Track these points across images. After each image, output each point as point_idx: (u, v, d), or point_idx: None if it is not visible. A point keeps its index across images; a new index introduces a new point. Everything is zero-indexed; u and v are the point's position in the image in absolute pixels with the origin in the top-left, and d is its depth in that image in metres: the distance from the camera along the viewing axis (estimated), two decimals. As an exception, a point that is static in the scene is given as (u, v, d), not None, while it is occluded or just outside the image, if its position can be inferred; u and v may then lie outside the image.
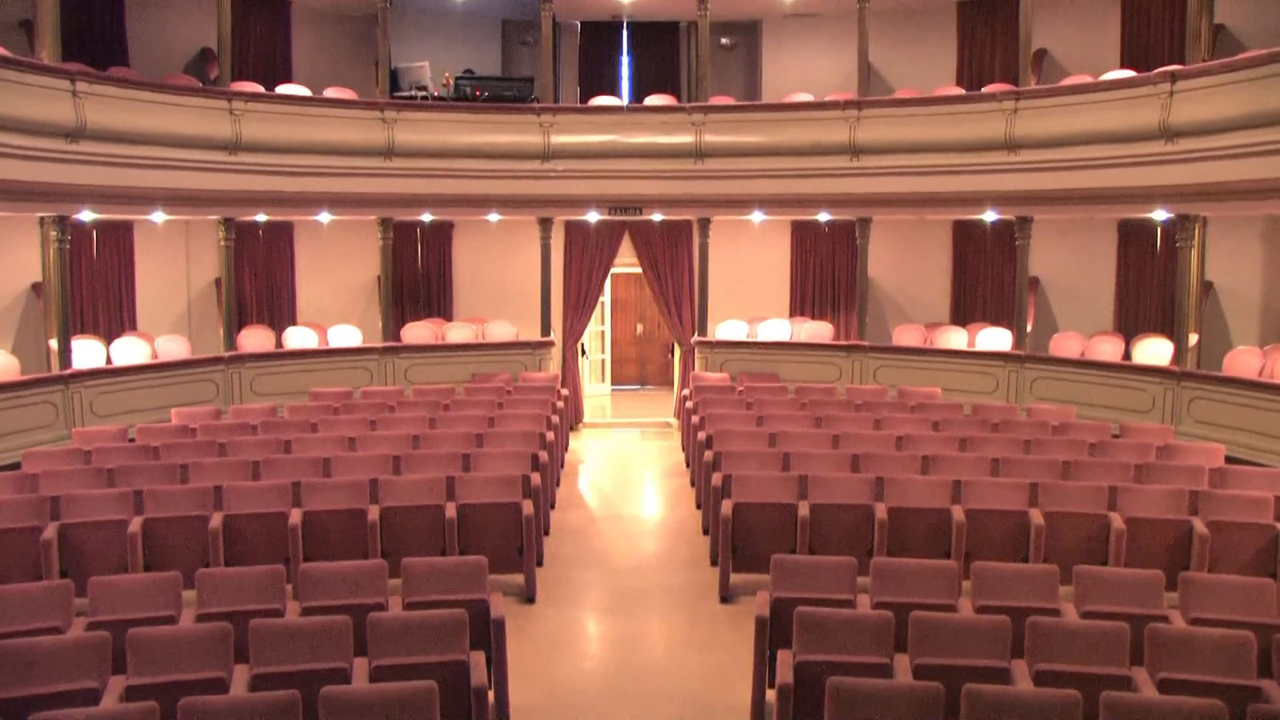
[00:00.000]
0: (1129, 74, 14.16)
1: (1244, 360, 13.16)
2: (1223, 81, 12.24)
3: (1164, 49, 14.88)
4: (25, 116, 11.86)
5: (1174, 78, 12.79)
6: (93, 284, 14.99)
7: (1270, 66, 11.69)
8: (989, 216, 15.69)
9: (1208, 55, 13.34)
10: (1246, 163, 11.85)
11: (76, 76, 12.48)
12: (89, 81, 12.63)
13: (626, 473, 14.92)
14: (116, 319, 15.24)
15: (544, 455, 11.54)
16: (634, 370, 20.94)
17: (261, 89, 15.44)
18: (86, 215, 13.55)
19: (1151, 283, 15.38)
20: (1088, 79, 14.59)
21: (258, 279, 16.76)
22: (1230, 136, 12.06)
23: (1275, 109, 11.55)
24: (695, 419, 13.45)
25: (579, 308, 17.53)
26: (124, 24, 15.46)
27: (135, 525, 9.01)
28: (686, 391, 15.77)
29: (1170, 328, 14.15)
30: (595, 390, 19.37)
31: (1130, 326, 15.36)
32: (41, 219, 13.11)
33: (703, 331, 16.81)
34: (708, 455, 11.56)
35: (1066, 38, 16.20)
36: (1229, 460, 11.26)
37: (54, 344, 13.02)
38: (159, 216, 14.59)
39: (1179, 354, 13.52)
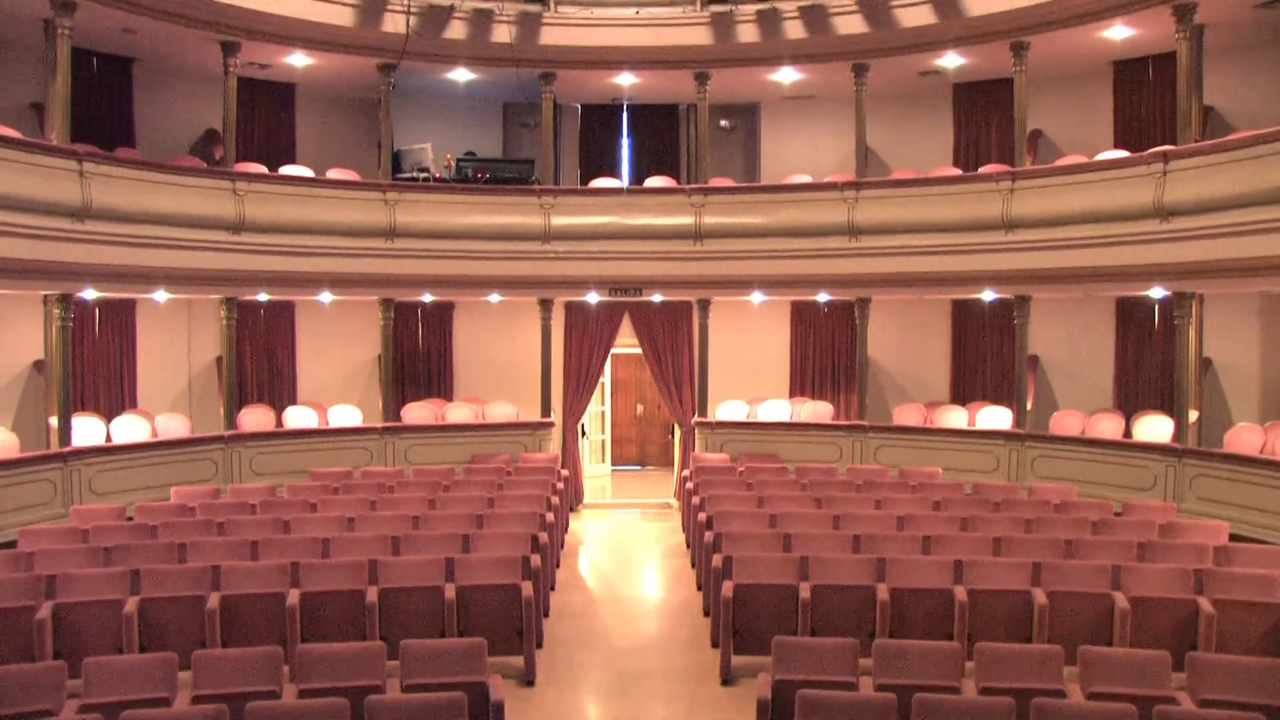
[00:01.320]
0: (1123, 154, 14.36)
1: (1245, 437, 13.15)
2: (1214, 161, 12.44)
3: (1155, 130, 15.07)
4: (33, 196, 12.06)
5: (1167, 158, 12.97)
6: (94, 362, 15.04)
7: (1260, 147, 11.91)
8: (987, 296, 15.78)
9: (1198, 136, 13.52)
10: (1240, 241, 11.98)
11: (84, 157, 12.68)
12: (96, 162, 12.83)
13: (627, 554, 14.83)
14: (117, 397, 15.26)
15: (544, 536, 11.48)
16: (634, 451, 20.90)
17: (265, 170, 15.64)
18: (90, 294, 13.65)
19: (1150, 360, 15.42)
20: (1082, 159, 14.80)
21: (259, 358, 16.80)
22: (1223, 215, 12.21)
23: (1267, 188, 11.73)
24: (696, 500, 13.40)
25: (579, 388, 17.56)
26: (132, 106, 15.68)
27: (131, 605, 8.93)
28: (687, 472, 15.74)
29: (1170, 404, 14.16)
30: (595, 471, 19.32)
31: (1130, 403, 15.36)
32: (46, 297, 13.20)
33: (703, 412, 16.82)
34: (708, 536, 11.49)
35: (1061, 119, 16.42)
36: (1233, 538, 11.20)
37: (54, 421, 13.03)
38: (161, 295, 14.68)
39: (1180, 431, 13.51)
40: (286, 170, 16.02)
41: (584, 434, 18.56)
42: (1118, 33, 14.44)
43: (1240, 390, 14.50)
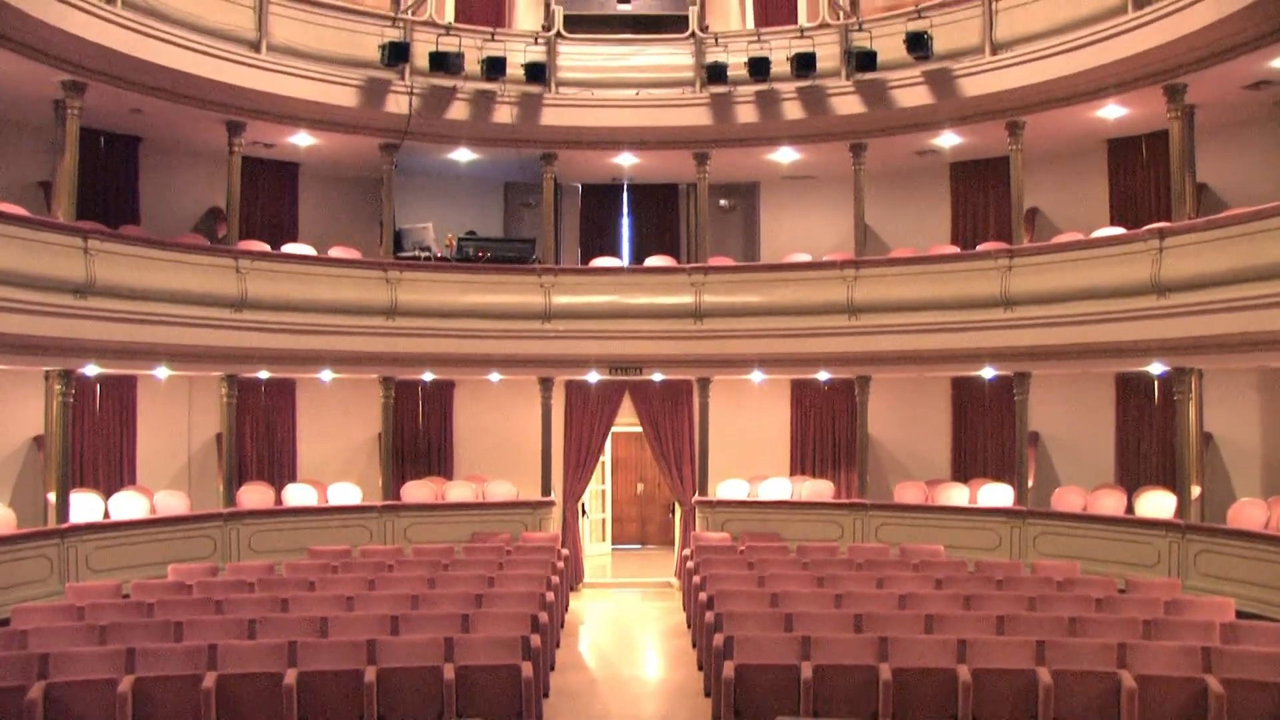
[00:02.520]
0: (1119, 231, 14.47)
1: (1249, 512, 13.09)
2: (1209, 238, 12.57)
3: (1150, 207, 15.22)
4: (37, 272, 12.16)
5: (1162, 234, 13.10)
6: (94, 438, 15.03)
7: (1254, 224, 12.03)
8: (987, 373, 15.81)
9: (1193, 213, 13.64)
10: (1236, 316, 12.04)
11: (89, 234, 12.83)
12: (101, 239, 12.96)
13: (627, 633, 14.70)
14: (116, 473, 15.23)
15: (544, 616, 11.38)
16: (635, 530, 20.80)
17: (268, 248, 15.76)
18: (92, 370, 13.68)
19: (1151, 435, 15.40)
20: (1079, 236, 14.94)
21: (259, 435, 16.79)
22: (1220, 291, 12.27)
23: (1261, 264, 11.82)
24: (696, 579, 13.30)
25: (579, 467, 17.52)
26: (138, 184, 15.85)
27: (125, 685, 8.83)
28: (688, 551, 15.65)
29: (1172, 480, 14.12)
30: (596, 550, 19.21)
31: (1132, 479, 15.30)
32: (47, 373, 13.20)
33: (703, 491, 16.77)
34: (709, 616, 11.39)
35: (1057, 196, 16.58)
36: (1240, 615, 11.08)
37: (52, 497, 12.98)
38: (163, 372, 14.71)
39: (1182, 507, 13.46)
40: (289, 248, 16.14)
41: (584, 513, 18.49)
42: (1111, 112, 14.65)
43: (1242, 465, 14.47)
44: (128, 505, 14.27)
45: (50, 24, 11.92)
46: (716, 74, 15.90)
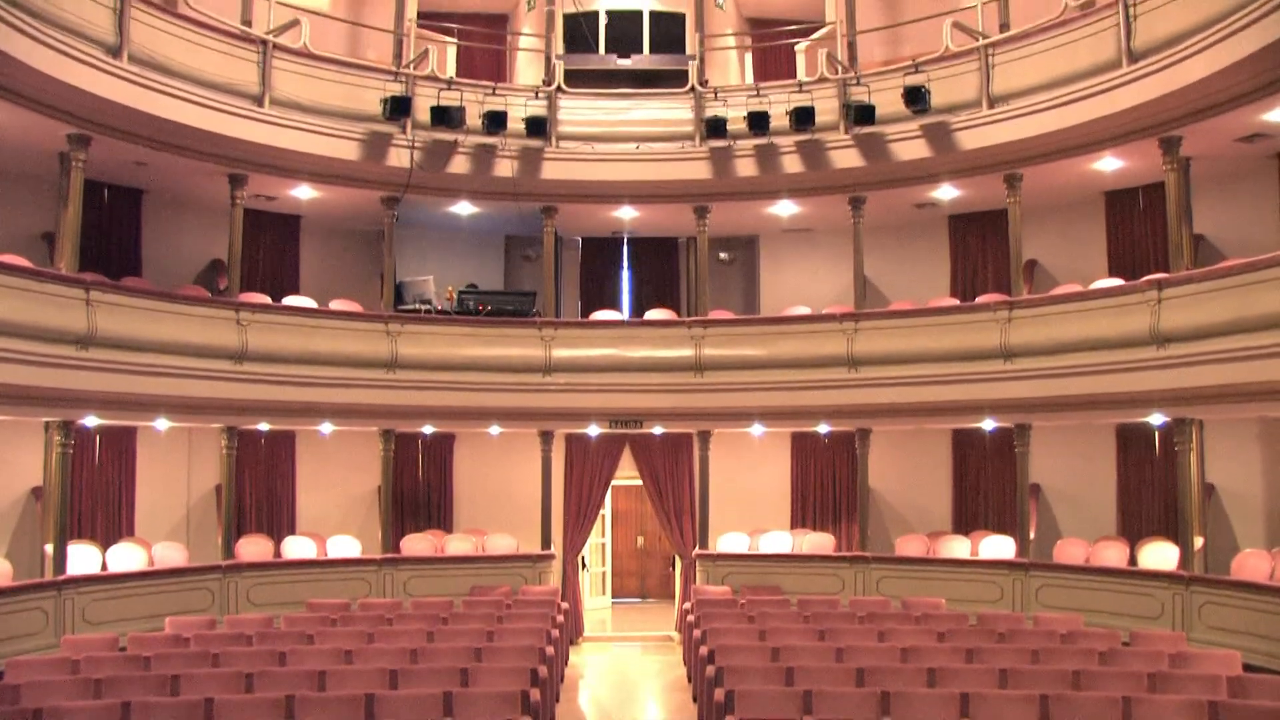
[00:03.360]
0: (1117, 282, 14.51)
1: (1253, 563, 13.01)
2: (1207, 289, 12.62)
3: (1148, 258, 15.29)
4: (39, 323, 12.19)
5: (1160, 285, 13.15)
6: (93, 489, 14.99)
7: (1250, 275, 12.09)
8: (987, 425, 15.80)
9: (1190, 264, 13.71)
10: (1235, 366, 12.06)
11: (91, 285, 12.87)
12: (103, 290, 13.02)
13: (628, 688, 14.58)
14: (115, 525, 15.16)
15: (543, 670, 11.27)
16: (635, 583, 20.70)
17: (269, 300, 15.81)
18: (91, 421, 13.68)
19: (1152, 486, 15.36)
20: (1077, 288, 14.99)
21: (258, 487, 16.74)
22: (1218, 341, 12.30)
23: (1259, 314, 11.86)
24: (697, 632, 13.20)
25: (580, 520, 17.46)
26: (140, 236, 15.93)
27: (121, 737, 8.74)
28: (688, 604, 15.54)
29: (1174, 531, 14.06)
30: (596, 603, 19.08)
31: (1134, 531, 15.24)
32: (47, 423, 13.21)
33: (704, 544, 16.69)
34: (710, 670, 11.29)
35: (1055, 248, 16.64)
36: (1247, 668, 10.97)
37: (49, 549, 12.93)
38: (163, 424, 14.71)
39: (1185, 558, 13.40)
40: (290, 300, 16.19)
41: (584, 566, 18.40)
42: (1107, 164, 14.76)
43: (1244, 516, 14.41)
44: (126, 557, 14.20)
45: (57, 78, 12.05)
46: (716, 128, 16.01)
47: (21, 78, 11.88)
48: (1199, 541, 13.45)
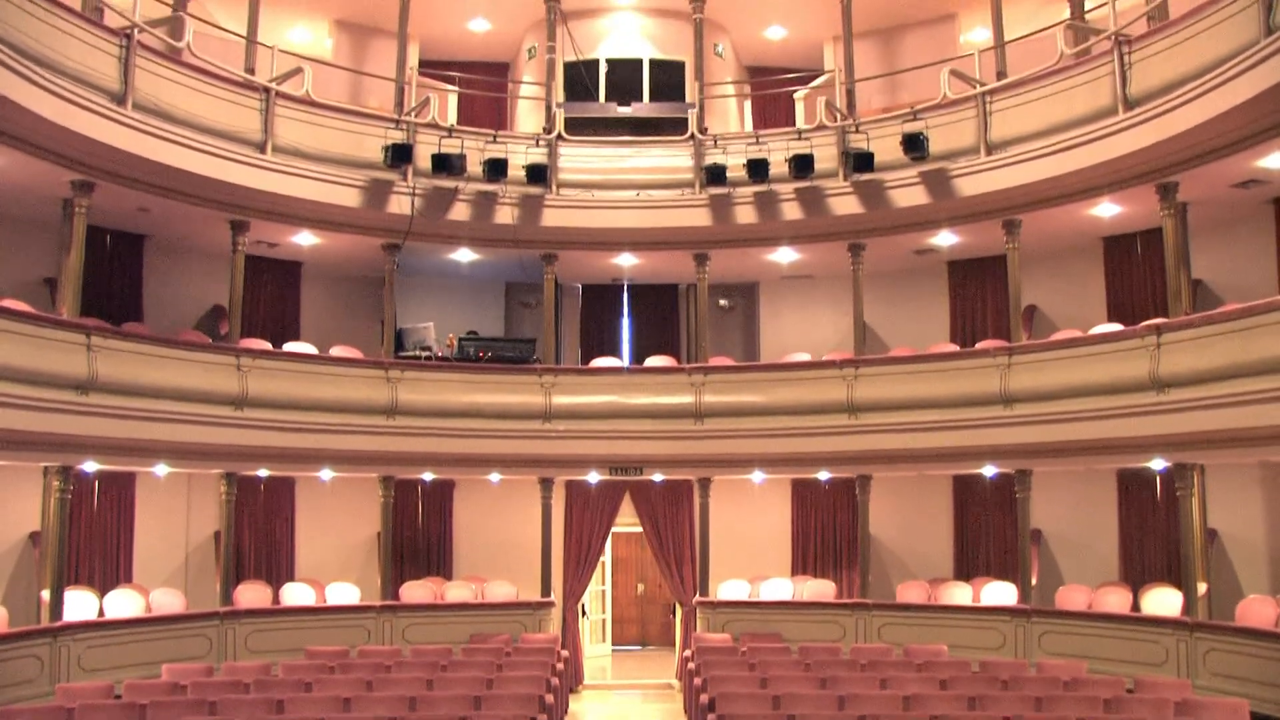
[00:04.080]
0: (1116, 328, 14.54)
1: (1257, 609, 12.94)
2: (1206, 334, 12.64)
3: (1147, 303, 15.31)
4: (40, 368, 12.22)
5: (1160, 331, 13.17)
6: (90, 535, 14.92)
7: (1249, 319, 12.12)
8: (988, 471, 15.77)
9: (1189, 309, 13.73)
10: (1236, 411, 12.05)
11: (92, 331, 12.91)
12: (103, 336, 13.04)
13: (627, 735, 14.47)
14: (112, 571, 15.08)
15: (543, 718, 11.20)
16: (635, 630, 20.57)
17: (269, 346, 15.82)
18: (91, 466, 13.65)
19: (1155, 532, 15.29)
20: (1077, 333, 15.00)
21: (257, 534, 16.67)
22: (1218, 386, 12.31)
23: (1258, 359, 11.89)
24: (698, 680, 13.10)
25: (580, 567, 17.38)
26: (142, 281, 15.97)
27: (116, 782, 8.66)
28: (689, 652, 15.45)
29: (1177, 577, 14.01)
30: (596, 651, 18.96)
31: (1136, 577, 15.16)
32: (46, 469, 13.17)
33: (704, 591, 16.60)
34: (711, 718, 11.22)
35: (1054, 294, 16.69)
36: (1254, 717, 10.89)
37: (46, 595, 12.85)
38: (162, 470, 14.68)
39: (1189, 604, 13.32)
40: (290, 347, 16.19)
41: (584, 613, 18.29)
42: (1105, 210, 14.83)
43: (1248, 561, 14.32)
44: (123, 603, 14.13)
45: (62, 125, 12.12)
46: (716, 175, 16.11)
47: (27, 124, 11.96)
48: (1202, 587, 13.36)
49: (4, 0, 11.44)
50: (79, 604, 13.61)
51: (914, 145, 15.04)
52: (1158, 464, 13.98)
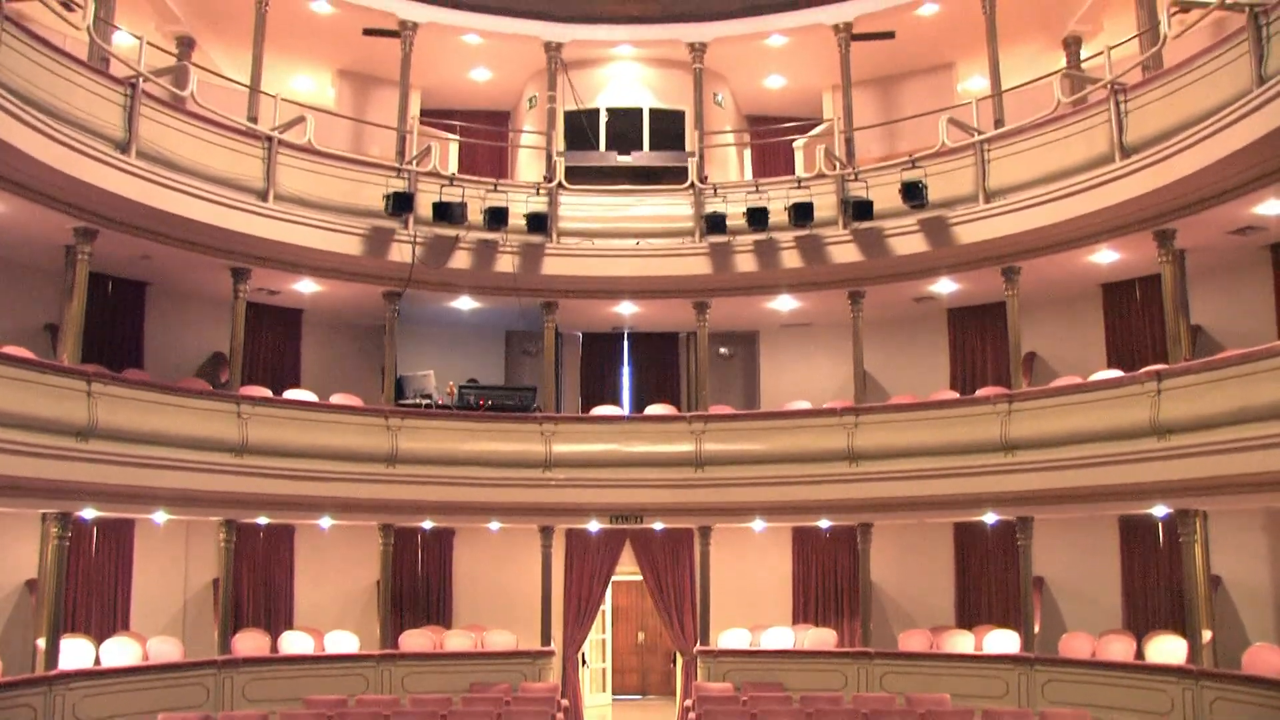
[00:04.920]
0: (1116, 374, 14.53)
1: (1264, 657, 12.83)
2: (1206, 380, 12.64)
3: (1147, 349, 15.32)
4: (40, 415, 12.20)
5: (1160, 377, 13.17)
6: (88, 582, 14.83)
7: (1249, 365, 12.13)
8: (989, 518, 15.72)
9: (1189, 355, 13.74)
10: (1236, 457, 12.02)
11: (93, 377, 12.89)
12: (104, 382, 13.03)
13: (628, 786, 14.31)
14: (110, 618, 14.96)
15: (543, 764, 11.12)
16: (635, 680, 20.40)
17: (270, 393, 15.79)
18: (89, 513, 13.60)
19: (1158, 579, 15.19)
20: (1077, 380, 14.97)
21: (256, 581, 16.57)
22: (1219, 432, 12.28)
23: (1260, 405, 11.86)
24: (699, 728, 13.02)
25: (580, 616, 17.29)
26: (143, 328, 16.00)
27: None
28: (689, 702, 15.35)
29: (1182, 624, 13.89)
30: (596, 700, 18.78)
31: (1140, 624, 15.05)
32: (44, 515, 13.11)
33: (705, 640, 16.49)
34: (712, 763, 11.13)
35: (1054, 340, 16.70)
36: (1263, 767, 10.81)
37: (42, 643, 12.76)
38: (161, 516, 14.63)
39: (1194, 652, 13.21)
40: (291, 394, 16.18)
41: (584, 662, 18.15)
42: (1104, 257, 14.90)
43: (1253, 608, 14.22)
44: (120, 652, 14.02)
45: (66, 172, 12.18)
46: (716, 224, 16.18)
47: (32, 172, 12.05)
48: (1207, 635, 13.25)
49: (12, 50, 11.56)
50: (75, 652, 13.50)
51: (913, 193, 15.13)
52: (1160, 510, 13.93)
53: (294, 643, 15.77)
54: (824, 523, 16.97)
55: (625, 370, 19.25)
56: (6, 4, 11.45)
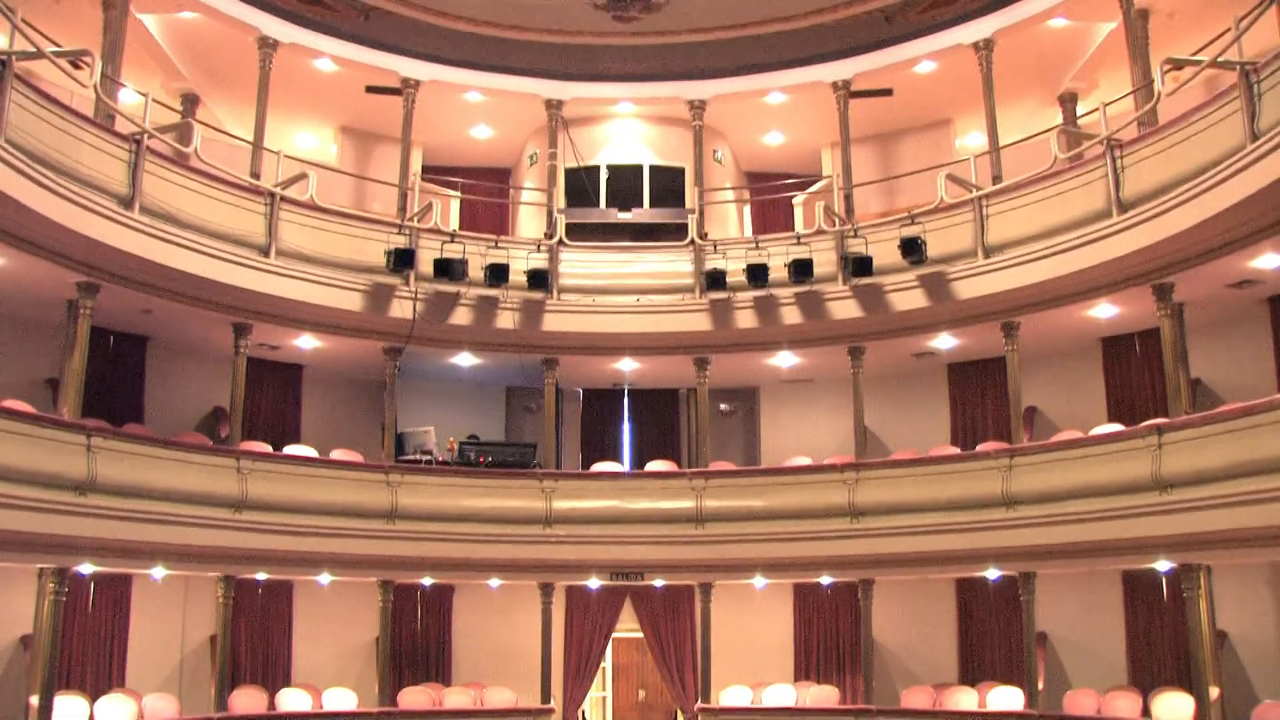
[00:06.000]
0: (1117, 428, 14.51)
1: (1273, 715, 12.68)
2: (1207, 433, 12.59)
3: (1147, 403, 15.31)
4: (39, 469, 12.16)
5: (1160, 431, 13.11)
6: (84, 638, 14.69)
7: (1250, 419, 12.08)
8: (991, 574, 15.62)
9: (1189, 408, 13.70)
10: (1239, 511, 11.95)
11: (93, 432, 12.85)
12: (104, 437, 12.99)
13: (628, 847, 14.11)
14: (105, 675, 14.80)
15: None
16: (636, 739, 20.19)
17: (270, 449, 15.78)
18: (87, 568, 13.50)
19: (1163, 634, 15.07)
20: (1078, 434, 14.96)
21: (254, 637, 16.42)
22: (1221, 486, 12.22)
23: (1261, 458, 11.81)
24: (700, 786, 12.87)
25: (580, 673, 17.17)
26: (144, 383, 16.00)
27: None
28: (691, 759, 15.19)
29: (1188, 681, 13.76)
30: (596, 760, 18.64)
31: (1146, 680, 14.88)
32: (41, 570, 13.02)
33: (706, 698, 16.33)
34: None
35: (1054, 395, 16.69)
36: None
37: (35, 700, 12.60)
38: (159, 572, 14.53)
39: (1201, 709, 13.01)
40: (291, 449, 16.16)
41: (584, 720, 18.03)
42: (1103, 311, 14.95)
43: (1260, 664, 14.05)
44: (115, 710, 13.87)
45: (70, 228, 12.28)
46: (716, 280, 16.26)
47: (37, 227, 12.14)
48: (1215, 692, 13.09)
49: (20, 108, 11.66)
50: (69, 710, 13.34)
51: (912, 249, 15.22)
52: (1163, 565, 13.84)
53: (292, 700, 15.62)
54: (825, 579, 16.87)
55: (626, 426, 19.23)
56: (16, 62, 11.58)
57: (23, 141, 11.61)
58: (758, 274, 16.02)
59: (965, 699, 15.63)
